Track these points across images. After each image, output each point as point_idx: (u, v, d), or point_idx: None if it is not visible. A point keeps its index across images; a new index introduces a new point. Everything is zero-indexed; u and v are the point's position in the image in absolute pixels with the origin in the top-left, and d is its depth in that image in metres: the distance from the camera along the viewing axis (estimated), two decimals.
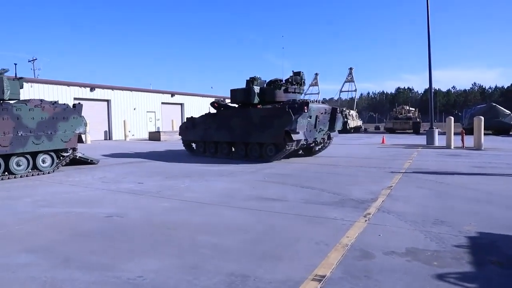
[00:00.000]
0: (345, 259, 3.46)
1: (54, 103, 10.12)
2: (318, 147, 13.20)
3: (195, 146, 14.82)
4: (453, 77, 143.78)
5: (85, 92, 27.22)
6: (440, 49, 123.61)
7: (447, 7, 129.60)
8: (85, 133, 10.94)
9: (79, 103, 10.85)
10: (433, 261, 3.37)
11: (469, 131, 21.93)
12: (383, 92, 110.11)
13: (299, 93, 13.26)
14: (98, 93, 28.10)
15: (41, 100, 10.10)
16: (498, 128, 27.44)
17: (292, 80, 13.10)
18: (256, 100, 12.93)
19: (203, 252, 3.71)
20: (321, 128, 12.35)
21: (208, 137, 13.76)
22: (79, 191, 7.24)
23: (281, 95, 12.66)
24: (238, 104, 13.76)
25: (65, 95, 25.22)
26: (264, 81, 13.80)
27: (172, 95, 34.58)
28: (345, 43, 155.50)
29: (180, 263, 3.42)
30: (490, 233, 4.18)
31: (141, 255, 3.66)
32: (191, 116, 15.04)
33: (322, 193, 6.64)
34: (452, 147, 16.21)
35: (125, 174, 9.52)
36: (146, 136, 29.37)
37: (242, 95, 13.25)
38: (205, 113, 14.45)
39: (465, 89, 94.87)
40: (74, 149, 10.55)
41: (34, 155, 9.57)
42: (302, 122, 11.01)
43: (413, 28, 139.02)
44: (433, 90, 19.90)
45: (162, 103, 33.59)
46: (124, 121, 28.67)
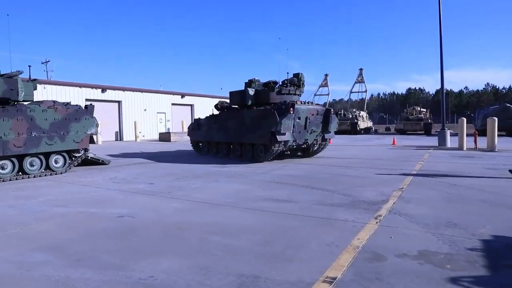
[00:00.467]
0: (356, 261, 3.44)
1: (67, 104, 10.27)
2: (315, 148, 13.21)
3: (201, 146, 15.55)
4: (466, 78, 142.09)
5: (97, 93, 27.56)
6: (452, 49, 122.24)
7: (459, 6, 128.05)
8: (96, 134, 11.06)
9: (91, 104, 11.00)
10: (446, 264, 3.33)
11: (482, 132, 21.61)
12: (393, 93, 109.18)
13: (297, 94, 13.24)
14: (109, 95, 28.42)
15: (54, 102, 10.26)
16: None
17: (287, 82, 13.20)
18: (250, 102, 13.28)
19: (214, 252, 3.72)
20: (312, 130, 12.35)
21: (210, 137, 14.51)
22: (91, 191, 7.33)
23: (274, 97, 12.80)
24: (236, 106, 14.20)
25: (77, 96, 25.57)
26: (262, 83, 14.07)
27: (182, 96, 34.80)
28: (356, 44, 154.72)
29: (191, 263, 3.43)
30: (505, 237, 4.10)
31: (152, 255, 3.68)
32: (198, 118, 15.67)
33: (333, 194, 6.60)
34: (465, 148, 15.98)
35: (136, 174, 9.60)
36: (157, 137, 29.62)
37: (238, 97, 13.74)
38: (209, 115, 15.08)
39: (478, 90, 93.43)
40: (86, 150, 10.69)
41: (47, 155, 9.71)
42: (287, 123, 11.15)
43: (425, 27, 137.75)
44: (445, 90, 19.65)
45: (172, 104, 33.82)
46: (135, 122, 28.95)
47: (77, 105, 10.61)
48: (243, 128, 12.55)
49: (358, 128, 36.31)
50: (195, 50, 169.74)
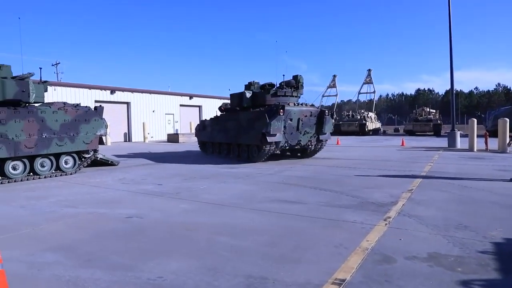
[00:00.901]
0: (365, 263, 3.41)
1: (77, 106, 10.38)
2: (311, 148, 13.25)
3: (207, 146, 16.21)
4: (476, 78, 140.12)
5: (106, 95, 27.82)
6: (463, 49, 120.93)
7: (469, 5, 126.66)
8: (106, 135, 11.16)
9: (100, 105, 11.10)
10: (456, 267, 3.29)
11: (492, 133, 21.28)
12: (402, 93, 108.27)
13: (294, 96, 13.26)
14: (118, 96, 28.66)
15: (64, 103, 10.37)
16: None
17: (284, 84, 13.31)
18: (246, 104, 13.63)
19: (222, 253, 3.72)
20: (306, 131, 12.41)
21: (213, 138, 15.09)
22: (100, 192, 7.39)
23: (270, 99, 12.95)
24: (237, 108, 14.54)
25: (86, 98, 25.83)
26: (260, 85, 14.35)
27: (191, 97, 34.96)
28: (364, 44, 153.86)
29: (199, 264, 3.44)
30: None
31: (161, 255, 3.70)
32: (204, 119, 16.23)
33: (341, 195, 6.57)
34: (475, 149, 15.78)
35: (144, 175, 9.67)
36: (165, 138, 29.78)
37: (237, 99, 14.16)
38: (214, 116, 15.67)
39: (489, 90, 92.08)
40: (95, 151, 10.79)
41: (57, 156, 9.83)
42: (277, 124, 11.35)
43: (434, 27, 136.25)
44: (454, 91, 19.43)
45: (181, 105, 33.99)
46: (143, 123, 29.16)
47: (86, 106, 10.72)
48: (240, 129, 12.94)
49: (366, 129, 36.11)
50: (204, 52, 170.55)
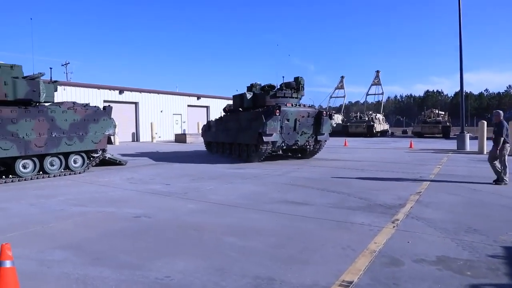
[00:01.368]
0: (373, 265, 3.39)
1: (86, 106, 10.48)
2: (310, 149, 13.34)
3: (212, 146, 16.76)
4: (486, 80, 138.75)
5: (114, 95, 28.04)
6: (472, 50, 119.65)
7: (480, 6, 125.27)
8: (114, 134, 11.25)
9: (109, 105, 11.19)
10: (466, 270, 3.25)
11: None
12: (411, 95, 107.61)
13: (294, 97, 13.34)
14: (127, 96, 28.87)
15: (74, 103, 10.48)
16: None
17: (283, 85, 13.42)
18: (247, 105, 13.96)
19: (229, 254, 3.73)
20: (303, 131, 12.55)
21: (217, 138, 15.62)
22: (108, 191, 7.45)
23: (269, 100, 13.12)
24: (238, 109, 14.87)
25: (95, 98, 26.06)
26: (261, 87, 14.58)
27: (198, 98, 35.08)
28: (372, 45, 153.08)
29: (206, 264, 3.45)
30: None
31: (169, 255, 3.72)
32: (209, 120, 16.88)
33: (349, 197, 6.54)
34: (485, 152, 15.55)
35: (152, 175, 9.72)
36: (173, 138, 29.92)
37: (238, 101, 14.58)
38: (218, 117, 16.15)
39: (499, 92, 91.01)
40: (104, 150, 10.88)
41: (66, 155, 9.93)
42: (273, 124, 11.58)
43: (444, 28, 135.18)
44: (464, 93, 19.22)
45: (188, 105, 34.13)
46: (151, 123, 29.32)
47: (95, 106, 10.82)
48: (240, 129, 13.28)
49: (374, 130, 35.90)
50: (212, 52, 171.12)
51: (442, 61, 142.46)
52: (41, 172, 9.44)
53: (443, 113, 40.12)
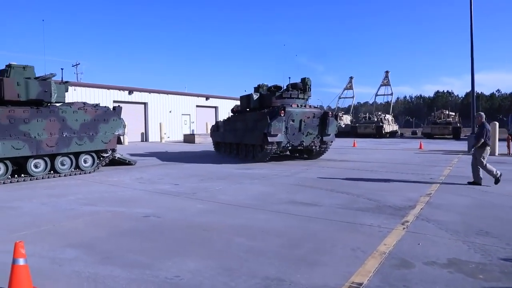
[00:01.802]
0: (383, 267, 3.37)
1: (96, 106, 10.58)
2: (316, 149, 13.35)
3: (220, 146, 16.97)
4: (498, 80, 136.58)
5: (124, 95, 28.28)
6: (484, 50, 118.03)
7: (491, 5, 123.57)
8: (124, 134, 11.35)
9: (118, 105, 11.29)
10: (478, 274, 3.21)
11: None
12: (420, 95, 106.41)
13: (300, 98, 13.34)
14: (136, 96, 29.10)
15: (84, 103, 10.60)
16: None
17: (290, 86, 13.44)
18: (254, 106, 14.08)
19: (239, 254, 3.73)
20: (309, 132, 12.57)
21: (224, 138, 15.78)
22: (118, 190, 7.52)
23: (275, 101, 13.17)
24: (246, 109, 14.98)
25: (105, 98, 26.32)
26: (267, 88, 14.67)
27: (207, 98, 35.21)
28: (381, 46, 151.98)
29: (216, 264, 3.46)
30: None
31: (178, 255, 3.73)
32: (218, 120, 16.65)
33: (358, 198, 6.50)
34: (497, 154, 15.35)
35: (161, 175, 9.78)
36: (181, 138, 30.07)
37: (245, 101, 14.69)
38: (226, 118, 16.38)
39: (511, 93, 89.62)
40: (114, 150, 10.98)
41: (77, 155, 10.04)
42: (277, 125, 11.67)
43: (454, 27, 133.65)
44: (475, 93, 18.96)
45: (197, 106, 34.28)
46: (160, 124, 29.51)
47: (105, 106, 10.92)
48: (246, 130, 13.37)
49: (383, 131, 35.64)
50: (221, 52, 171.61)
51: (452, 62, 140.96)
52: (52, 172, 9.56)
53: (453, 114, 39.66)
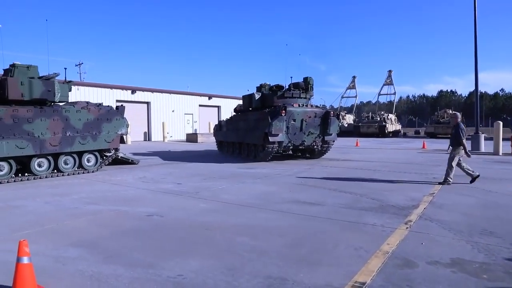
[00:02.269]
0: (386, 266, 3.36)
1: (99, 105, 10.61)
2: (318, 149, 13.32)
3: (222, 145, 17.01)
4: (502, 79, 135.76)
5: (127, 95, 28.34)
6: (487, 49, 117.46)
7: (494, 4, 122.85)
8: (127, 134, 11.37)
9: (121, 105, 11.31)
10: (481, 273, 3.19)
11: None
12: (423, 95, 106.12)
13: (302, 98, 13.31)
14: (139, 96, 29.16)
15: (87, 102, 10.63)
16: None
17: (292, 86, 13.42)
18: (255, 105, 14.07)
19: (241, 254, 3.74)
20: (310, 132, 12.56)
21: (227, 137, 15.69)
22: (121, 190, 7.54)
23: (277, 101, 13.17)
24: (248, 109, 14.96)
25: (108, 97, 26.39)
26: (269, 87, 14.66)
27: (210, 97, 35.23)
28: (385, 45, 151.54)
29: (218, 264, 3.47)
30: None
31: (181, 254, 3.74)
32: (221, 119, 17.15)
33: (361, 198, 6.49)
34: (500, 153, 15.29)
35: (164, 174, 9.79)
36: (184, 137, 30.11)
37: (247, 101, 14.70)
38: (229, 117, 16.36)
39: None
40: (117, 149, 11.00)
41: (80, 154, 10.07)
42: (278, 125, 11.67)
43: (457, 27, 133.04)
44: (479, 92, 18.89)
45: (200, 105, 34.31)
46: (163, 123, 29.55)
47: (108, 106, 10.95)
48: (248, 129, 13.38)
49: (386, 131, 35.56)
50: (224, 52, 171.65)
51: (455, 61, 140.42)
52: (55, 171, 9.60)
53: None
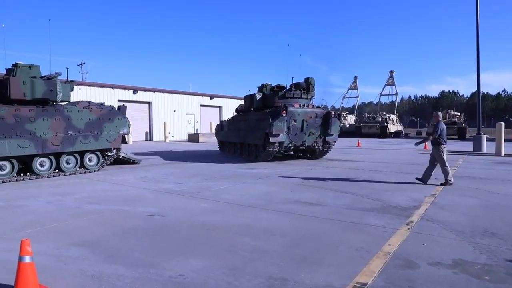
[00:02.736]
0: (387, 267, 3.36)
1: (101, 105, 10.63)
2: (319, 149, 13.32)
3: (224, 145, 17.07)
4: (504, 80, 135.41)
5: (128, 95, 28.38)
6: (489, 50, 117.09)
7: (496, 5, 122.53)
8: (128, 133, 11.39)
9: (123, 105, 11.33)
10: (483, 275, 3.19)
11: None
12: (425, 95, 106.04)
13: (303, 98, 13.30)
14: (140, 96, 29.20)
15: (89, 102, 10.65)
16: None
17: (293, 86, 13.42)
18: (257, 106, 14.06)
19: (243, 254, 3.74)
20: (311, 132, 12.57)
21: (228, 138, 15.87)
22: (122, 189, 7.55)
23: (278, 101, 13.17)
24: (250, 109, 14.96)
25: (109, 97, 26.43)
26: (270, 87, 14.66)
27: (211, 97, 35.25)
28: (386, 45, 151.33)
29: (220, 264, 3.47)
30: None
31: (182, 254, 3.74)
32: (222, 120, 17.25)
33: (362, 198, 6.48)
34: (503, 154, 15.25)
35: (166, 174, 9.80)
36: (185, 137, 30.13)
37: (248, 101, 14.72)
38: (230, 117, 16.43)
39: None
40: (118, 149, 11.02)
41: (82, 154, 10.09)
42: (279, 125, 11.67)
43: (459, 28, 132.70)
44: (481, 93, 18.83)
45: (201, 105, 34.33)
46: (165, 123, 29.58)
47: (110, 105, 10.96)
48: (249, 129, 13.39)
49: (387, 131, 35.53)
50: (225, 52, 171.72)
51: (456, 62, 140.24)
52: (57, 170, 9.62)
53: (458, 114, 39.43)
